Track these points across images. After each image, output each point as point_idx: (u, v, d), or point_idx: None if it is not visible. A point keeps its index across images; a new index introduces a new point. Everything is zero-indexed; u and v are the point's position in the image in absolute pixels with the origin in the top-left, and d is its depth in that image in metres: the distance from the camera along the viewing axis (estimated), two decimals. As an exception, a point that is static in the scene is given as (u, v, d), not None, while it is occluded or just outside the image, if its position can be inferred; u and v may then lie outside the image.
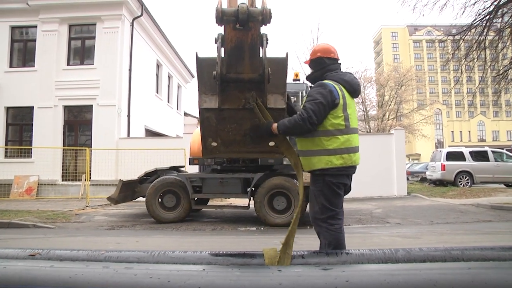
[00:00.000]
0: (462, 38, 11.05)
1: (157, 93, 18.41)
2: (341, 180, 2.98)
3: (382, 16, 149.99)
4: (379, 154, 12.73)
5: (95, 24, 14.19)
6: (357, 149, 3.04)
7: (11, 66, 14.52)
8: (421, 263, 0.83)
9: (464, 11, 18.52)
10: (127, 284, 0.66)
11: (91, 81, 13.74)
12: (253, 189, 7.50)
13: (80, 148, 13.26)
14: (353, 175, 3.15)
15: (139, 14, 15.02)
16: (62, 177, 13.52)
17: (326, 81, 3.00)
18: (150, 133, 16.74)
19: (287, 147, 2.26)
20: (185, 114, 23.94)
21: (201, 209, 9.33)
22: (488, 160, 15.78)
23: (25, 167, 13.10)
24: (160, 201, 7.83)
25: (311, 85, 3.20)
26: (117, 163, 13.22)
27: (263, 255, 0.94)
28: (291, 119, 2.75)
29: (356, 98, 3.23)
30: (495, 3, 10.05)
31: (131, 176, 9.65)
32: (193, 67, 23.48)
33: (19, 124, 14.66)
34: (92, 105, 13.90)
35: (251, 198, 7.57)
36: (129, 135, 14.35)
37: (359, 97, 5.94)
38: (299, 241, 1.09)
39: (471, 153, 16.10)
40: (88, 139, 14.00)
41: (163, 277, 0.67)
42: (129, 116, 14.43)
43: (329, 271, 0.73)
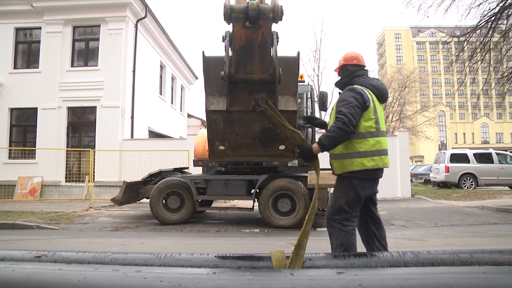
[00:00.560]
0: (466, 39, 11.00)
1: (161, 94, 18.45)
2: (367, 184, 3.02)
3: (385, 17, 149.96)
4: (383, 155, 12.67)
5: (99, 25, 14.24)
6: (386, 152, 3.09)
7: (15, 67, 14.58)
8: (435, 267, 0.82)
9: (469, 13, 18.43)
10: (138, 287, 0.65)
11: (95, 83, 13.78)
12: (258, 191, 7.49)
13: (83, 149, 13.31)
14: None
15: (143, 15, 15.06)
16: (65, 178, 13.56)
17: (355, 86, 3.09)
18: (153, 135, 16.77)
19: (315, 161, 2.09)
20: (189, 115, 23.98)
21: (205, 211, 9.33)
22: (492, 162, 15.69)
23: (29, 168, 13.14)
24: (164, 202, 7.82)
25: (340, 91, 3.27)
26: (120, 164, 13.24)
27: (270, 257, 0.92)
28: (331, 130, 2.84)
29: (383, 103, 3.28)
30: (501, 5, 10.01)
31: (135, 177, 9.67)
32: (196, 68, 23.40)
33: (23, 125, 14.72)
34: (96, 107, 13.94)
35: (256, 200, 7.55)
36: (132, 136, 14.39)
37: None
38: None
39: (475, 155, 16.02)
40: (91, 141, 14.03)
41: (174, 281, 0.66)
42: (132, 117, 14.47)
43: (342, 275, 0.72)
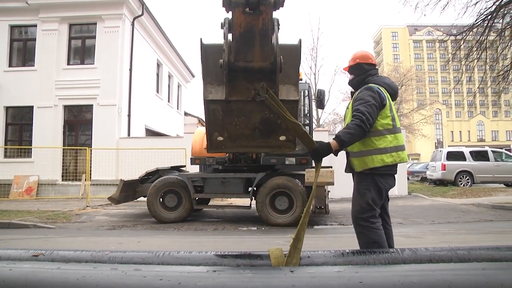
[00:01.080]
0: (463, 38, 11.04)
1: (158, 92, 18.39)
2: (388, 180, 3.11)
3: (382, 16, 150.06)
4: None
5: (96, 23, 14.15)
6: (404, 147, 3.17)
7: (10, 65, 14.48)
8: (433, 263, 0.82)
9: (465, 11, 18.46)
10: (137, 286, 0.64)
11: (91, 81, 13.71)
12: (255, 189, 7.48)
13: (80, 148, 13.26)
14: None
15: (140, 13, 14.98)
16: (62, 177, 13.50)
17: (371, 84, 3.14)
18: (150, 133, 16.72)
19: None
20: (186, 113, 23.92)
21: (203, 209, 9.32)
22: (488, 160, 15.77)
23: (25, 167, 13.07)
24: (161, 201, 7.81)
25: (353, 90, 3.31)
26: (117, 163, 13.20)
27: (269, 255, 0.92)
28: (350, 127, 2.87)
29: (394, 100, 3.35)
30: (497, 3, 10.04)
31: (131, 175, 9.64)
32: (193, 66, 23.38)
33: (19, 124, 14.63)
34: (92, 105, 13.88)
35: (253, 198, 7.54)
36: (129, 134, 14.33)
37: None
38: (303, 241, 1.07)
39: (471, 153, 16.10)
40: (88, 139, 13.98)
41: (173, 279, 0.66)
42: (129, 115, 14.41)
43: (342, 272, 0.72)
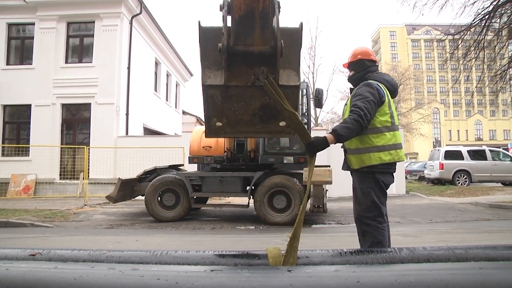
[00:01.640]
0: (461, 37, 11.06)
1: (156, 91, 18.36)
2: (387, 178, 3.09)
3: (380, 15, 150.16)
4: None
5: (94, 22, 14.11)
6: (401, 146, 3.15)
7: (8, 63, 14.43)
8: (431, 263, 0.82)
9: (463, 11, 18.55)
10: (135, 286, 0.64)
11: (89, 79, 13.68)
12: (253, 187, 7.47)
13: (78, 146, 13.25)
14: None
15: (138, 12, 14.95)
16: (60, 175, 13.46)
17: (370, 81, 3.10)
18: (148, 132, 16.69)
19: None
20: (184, 112, 23.89)
21: (200, 208, 9.32)
22: (486, 159, 15.82)
23: (23, 165, 13.02)
24: (159, 199, 7.80)
25: (353, 87, 3.27)
26: (115, 161, 13.19)
27: (267, 255, 0.92)
28: (347, 121, 2.84)
29: (394, 98, 3.30)
30: (494, 3, 10.07)
31: (129, 174, 9.63)
32: (191, 65, 23.41)
33: (17, 122, 14.59)
34: (90, 103, 13.85)
35: (251, 197, 7.54)
36: (127, 133, 14.31)
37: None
38: (301, 240, 1.07)
39: (469, 152, 16.15)
40: (86, 138, 13.95)
41: (171, 279, 0.65)
42: (127, 114, 14.39)
43: (339, 272, 0.72)
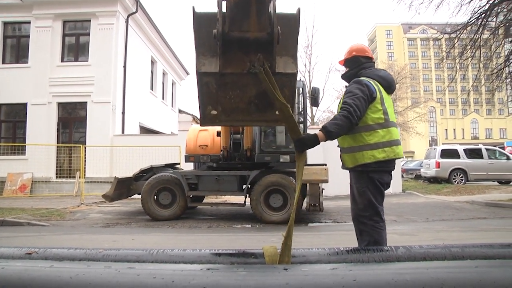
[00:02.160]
0: (457, 36, 11.09)
1: (152, 90, 18.31)
2: (383, 176, 3.04)
3: (376, 14, 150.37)
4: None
5: (90, 20, 14.06)
6: (398, 142, 3.08)
7: (3, 62, 14.37)
8: (427, 261, 0.82)
9: (459, 10, 18.56)
10: (131, 284, 0.64)
11: (85, 78, 13.63)
12: (249, 186, 7.48)
13: (74, 145, 13.18)
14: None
15: (134, 10, 14.90)
16: (56, 174, 13.43)
17: (361, 78, 3.07)
18: (144, 130, 16.66)
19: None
20: (180, 111, 23.83)
21: (197, 207, 9.31)
22: (482, 157, 15.89)
23: (19, 164, 12.97)
24: (155, 198, 7.79)
25: (346, 85, 3.22)
26: (111, 160, 13.14)
27: (263, 253, 0.92)
28: (337, 118, 2.81)
29: (391, 94, 3.26)
30: (491, 2, 10.10)
31: (126, 173, 9.60)
32: (188, 64, 23.25)
33: (13, 121, 14.54)
34: (86, 102, 13.81)
35: (247, 195, 7.54)
36: (123, 132, 14.26)
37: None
38: (297, 238, 1.07)
39: (465, 150, 16.22)
40: (82, 136, 13.91)
41: (167, 277, 0.65)
42: (123, 113, 14.34)
43: (336, 270, 0.71)
